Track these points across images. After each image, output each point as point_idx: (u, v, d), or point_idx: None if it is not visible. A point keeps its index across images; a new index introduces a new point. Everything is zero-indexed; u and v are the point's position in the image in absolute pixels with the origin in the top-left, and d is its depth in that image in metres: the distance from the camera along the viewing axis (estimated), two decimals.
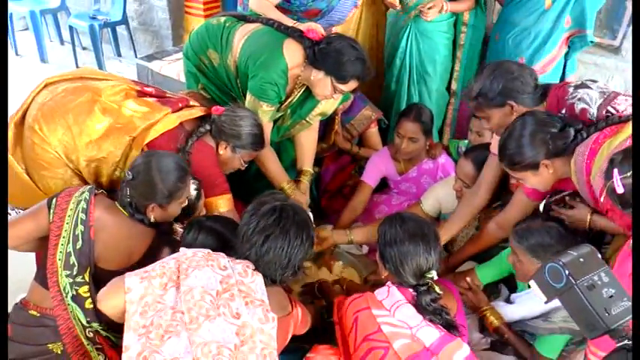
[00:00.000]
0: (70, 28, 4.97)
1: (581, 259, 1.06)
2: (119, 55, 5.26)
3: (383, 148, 2.89)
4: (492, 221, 2.12)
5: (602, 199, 1.52)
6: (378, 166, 2.77)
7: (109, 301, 1.36)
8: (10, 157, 1.97)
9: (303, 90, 2.39)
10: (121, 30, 5.11)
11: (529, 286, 1.95)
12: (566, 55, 2.87)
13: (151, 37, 5.06)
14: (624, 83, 3.05)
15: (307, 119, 2.49)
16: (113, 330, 1.63)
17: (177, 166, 1.76)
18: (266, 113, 2.26)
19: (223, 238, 1.66)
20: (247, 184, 2.60)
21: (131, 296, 1.30)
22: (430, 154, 2.75)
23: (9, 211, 2.11)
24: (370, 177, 2.75)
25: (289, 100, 2.39)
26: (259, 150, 2.22)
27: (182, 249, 1.47)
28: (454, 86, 3.28)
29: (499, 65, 1.94)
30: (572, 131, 1.69)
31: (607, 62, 3.07)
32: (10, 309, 1.66)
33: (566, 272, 1.03)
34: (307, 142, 2.62)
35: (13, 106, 2.02)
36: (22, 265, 2.18)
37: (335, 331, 1.77)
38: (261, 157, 2.39)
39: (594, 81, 1.86)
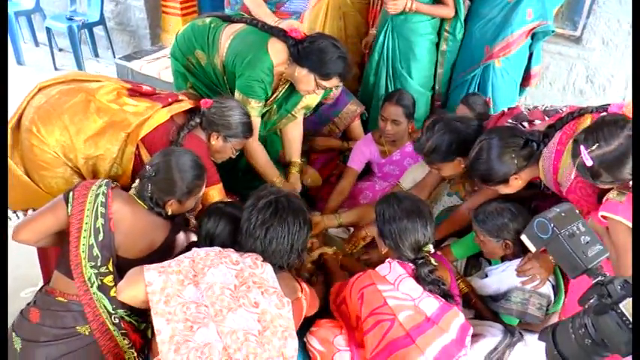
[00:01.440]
0: (47, 29, 4.98)
1: (563, 214, 1.24)
2: (97, 55, 5.30)
3: (367, 134, 3.03)
4: (464, 205, 2.32)
5: (572, 177, 1.71)
6: (362, 151, 2.91)
7: (129, 292, 1.46)
8: (10, 161, 2.02)
9: (287, 86, 2.51)
10: (98, 30, 5.14)
11: (501, 260, 2.17)
12: (531, 46, 3.06)
13: (128, 37, 5.10)
14: (585, 70, 3.27)
15: (292, 113, 2.62)
16: (136, 315, 1.73)
17: (195, 164, 1.85)
18: (254, 109, 2.37)
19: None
20: (237, 176, 2.72)
21: (153, 288, 1.41)
22: (413, 139, 2.91)
23: (10, 215, 2.17)
24: (355, 162, 2.89)
25: (275, 95, 2.51)
26: (249, 137, 2.31)
27: (193, 249, 1.57)
28: (437, 87, 3.38)
29: (447, 124, 2.18)
30: (534, 145, 1.90)
31: (569, 51, 3.29)
32: (12, 305, 1.74)
33: (552, 225, 1.21)
34: (294, 136, 2.76)
35: None
36: (24, 261, 2.28)
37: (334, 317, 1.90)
38: (252, 152, 2.51)
39: (529, 121, 2.08)
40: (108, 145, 2.02)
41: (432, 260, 1.83)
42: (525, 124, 2.07)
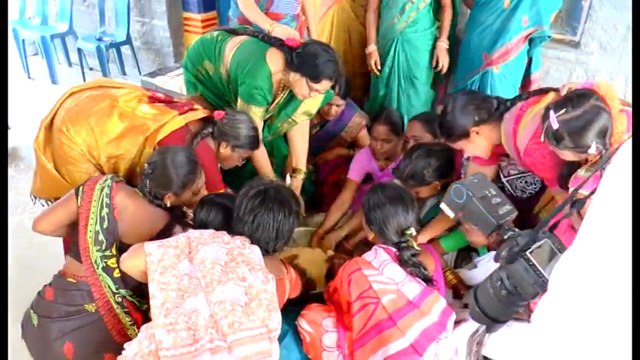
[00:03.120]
0: (79, 50, 5.29)
1: (476, 181, 1.40)
2: (124, 73, 5.57)
3: (365, 147, 3.14)
4: None
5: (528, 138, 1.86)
6: (361, 164, 3.04)
7: (130, 261, 1.64)
8: (41, 156, 2.27)
9: (287, 92, 2.68)
10: (125, 50, 5.42)
11: (487, 250, 2.26)
12: (529, 51, 3.15)
13: (153, 55, 5.37)
14: (585, 73, 3.34)
15: (293, 117, 2.78)
16: (138, 295, 1.91)
17: (188, 160, 2.05)
18: (256, 114, 2.54)
19: (231, 212, 1.92)
20: (244, 179, 2.89)
21: (151, 259, 1.58)
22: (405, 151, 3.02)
23: (42, 202, 2.44)
24: (354, 174, 3.03)
25: (276, 101, 2.68)
26: (255, 149, 2.50)
27: (190, 230, 1.75)
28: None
29: (424, 151, 2.39)
30: (494, 101, 2.05)
31: (568, 56, 3.36)
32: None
33: (466, 190, 1.35)
34: (299, 144, 2.93)
35: (32, 125, 2.34)
36: (49, 259, 2.48)
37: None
38: (255, 155, 2.67)
39: None
40: (128, 146, 2.23)
41: (415, 244, 1.95)
42: None
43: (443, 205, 1.45)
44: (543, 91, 2.02)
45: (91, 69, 5.67)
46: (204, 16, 4.87)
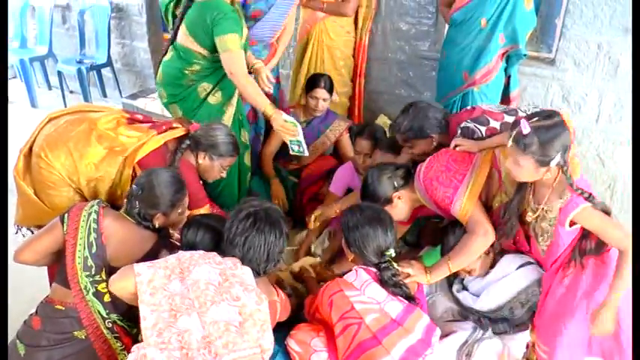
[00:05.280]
0: (59, 73, 5.26)
1: None
2: (105, 95, 5.55)
3: (347, 162, 3.20)
4: None
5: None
6: (344, 178, 3.10)
7: (120, 283, 1.62)
8: (21, 182, 2.26)
9: None
10: (105, 72, 5.42)
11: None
12: (506, 70, 3.22)
13: (134, 77, 5.37)
14: (560, 89, 3.43)
15: None
16: (128, 320, 1.90)
17: (174, 180, 2.06)
18: (235, 43, 2.58)
19: (220, 233, 1.93)
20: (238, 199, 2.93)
21: (141, 279, 1.57)
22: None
23: (25, 231, 2.41)
24: (337, 188, 3.09)
25: None
26: (234, 156, 2.49)
27: (180, 251, 1.74)
28: None
29: (419, 107, 2.51)
30: (404, 168, 2.27)
31: (544, 72, 3.45)
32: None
33: None
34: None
35: (12, 149, 2.32)
36: (33, 285, 2.44)
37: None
38: (241, 87, 2.67)
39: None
40: (107, 167, 2.23)
41: (395, 265, 1.97)
42: (482, 127, 2.28)
43: None
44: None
45: (71, 92, 5.64)
46: None
